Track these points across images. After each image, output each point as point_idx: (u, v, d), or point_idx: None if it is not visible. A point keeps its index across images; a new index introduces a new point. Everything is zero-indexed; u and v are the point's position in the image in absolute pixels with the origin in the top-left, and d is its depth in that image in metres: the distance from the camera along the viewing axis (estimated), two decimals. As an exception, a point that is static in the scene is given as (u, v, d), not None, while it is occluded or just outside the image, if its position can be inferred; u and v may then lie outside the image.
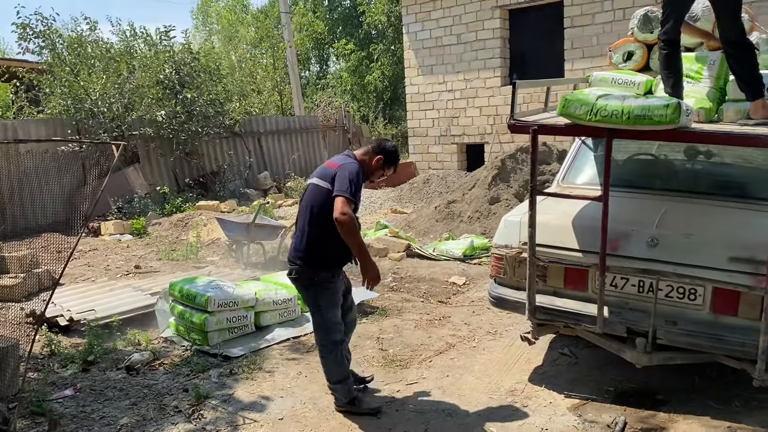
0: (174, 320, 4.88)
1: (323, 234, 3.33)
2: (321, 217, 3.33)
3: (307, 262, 3.42)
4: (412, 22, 14.93)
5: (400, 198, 11.63)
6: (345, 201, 3.21)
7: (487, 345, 4.54)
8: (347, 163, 3.41)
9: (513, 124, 3.62)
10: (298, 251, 3.46)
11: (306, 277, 3.47)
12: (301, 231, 3.46)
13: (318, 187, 3.39)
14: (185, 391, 3.90)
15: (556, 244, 3.69)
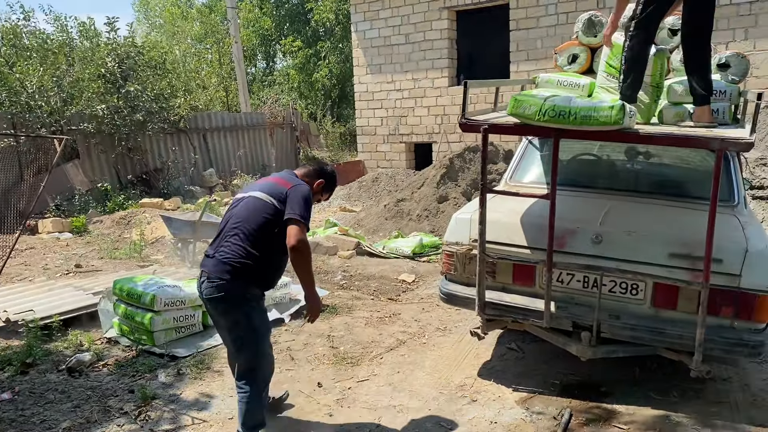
0: (118, 320, 4.74)
1: (262, 251, 3.01)
2: (263, 234, 3.01)
3: (239, 276, 2.99)
4: (360, 20, 14.93)
5: (349, 196, 11.62)
6: (302, 228, 2.95)
7: (436, 341, 4.59)
8: (299, 184, 3.13)
9: (464, 123, 3.66)
10: (225, 264, 2.99)
11: (236, 293, 3.01)
12: (232, 243, 3.02)
13: (262, 203, 3.05)
14: (131, 393, 3.79)
15: (505, 241, 3.77)
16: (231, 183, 13.35)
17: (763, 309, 3.27)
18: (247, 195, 3.15)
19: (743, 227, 3.55)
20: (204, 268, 3.11)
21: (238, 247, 3.01)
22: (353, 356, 4.32)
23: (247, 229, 3.03)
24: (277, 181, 3.16)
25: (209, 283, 3.03)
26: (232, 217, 3.12)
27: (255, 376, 3.10)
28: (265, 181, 3.22)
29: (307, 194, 3.10)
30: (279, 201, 3.03)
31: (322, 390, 3.82)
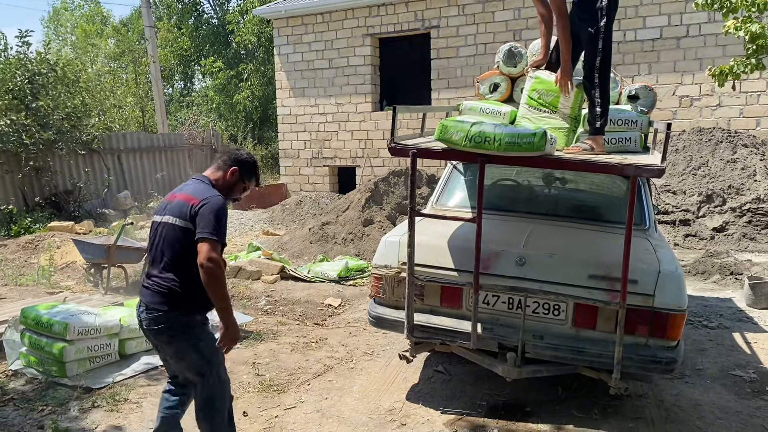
0: (25, 351, 4.42)
1: (191, 275, 2.82)
2: (186, 259, 2.82)
3: (175, 304, 2.84)
4: (283, 44, 14.92)
5: (272, 219, 11.45)
6: (211, 245, 2.75)
7: (364, 366, 4.56)
8: (208, 196, 2.87)
9: (394, 147, 3.71)
10: (159, 294, 2.84)
11: (176, 322, 2.86)
12: (161, 272, 2.86)
13: (173, 230, 2.84)
14: (40, 428, 3.53)
15: (433, 264, 3.81)
16: (147, 206, 12.85)
17: (675, 327, 3.45)
18: (160, 220, 2.94)
19: (655, 250, 3.76)
20: (142, 297, 2.94)
21: (167, 275, 2.85)
22: (279, 383, 4.21)
23: (170, 256, 2.86)
24: (186, 199, 2.87)
25: (148, 314, 2.88)
26: (156, 244, 2.93)
27: (214, 409, 2.95)
28: (174, 199, 2.94)
29: (217, 206, 2.84)
30: (189, 221, 2.82)
31: (248, 419, 3.70)
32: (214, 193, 2.91)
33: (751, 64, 5.05)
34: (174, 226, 2.84)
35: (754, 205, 9.00)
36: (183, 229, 2.82)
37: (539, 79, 4.31)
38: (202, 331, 2.95)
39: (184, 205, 2.85)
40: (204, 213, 2.80)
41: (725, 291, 6.54)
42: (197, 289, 2.83)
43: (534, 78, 4.33)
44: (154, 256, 2.93)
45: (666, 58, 11.24)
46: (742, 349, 4.84)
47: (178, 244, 2.84)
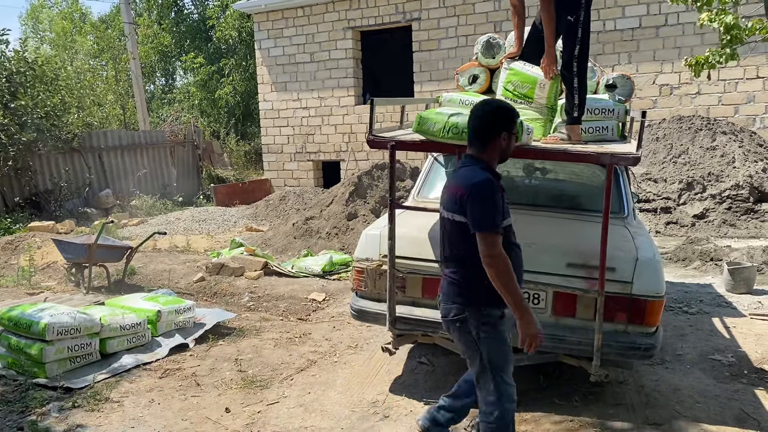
0: (4, 352, 4.38)
1: (473, 268, 2.74)
2: (467, 252, 2.75)
3: (464, 298, 2.81)
4: (264, 38, 14.83)
5: (256, 215, 11.41)
6: (490, 238, 2.64)
7: (348, 359, 4.56)
8: (474, 180, 2.70)
9: (372, 140, 3.70)
10: (452, 286, 2.86)
11: (465, 316, 2.81)
12: (452, 265, 2.88)
13: (450, 225, 2.82)
14: (20, 430, 3.50)
15: (414, 256, 3.82)
16: (129, 204, 12.76)
17: (653, 313, 3.48)
18: (442, 214, 2.92)
19: (633, 237, 3.79)
20: (441, 289, 3.00)
21: (457, 268, 2.87)
22: (262, 379, 4.20)
23: (452, 250, 2.89)
24: (454, 192, 2.76)
25: (444, 305, 2.95)
26: (442, 237, 2.97)
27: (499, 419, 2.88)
28: (446, 191, 2.87)
29: (482, 191, 2.67)
30: (461, 214, 2.73)
31: (230, 416, 3.69)
32: (477, 171, 2.75)
33: (726, 54, 5.09)
34: (451, 224, 2.83)
35: (733, 191, 9.10)
36: (459, 224, 2.77)
37: (514, 71, 4.32)
38: (490, 331, 2.82)
39: (453, 199, 2.78)
40: (470, 205, 2.69)
41: (705, 277, 6.62)
42: (483, 283, 2.72)
43: (509, 69, 4.33)
44: (442, 248, 2.99)
45: (645, 47, 11.31)
46: (721, 333, 4.90)
47: (455, 239, 2.84)
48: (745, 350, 4.53)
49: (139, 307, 4.94)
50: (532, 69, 4.39)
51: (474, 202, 2.68)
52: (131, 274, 7.13)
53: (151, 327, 4.85)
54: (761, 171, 9.26)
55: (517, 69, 4.34)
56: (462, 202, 2.72)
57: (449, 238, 2.89)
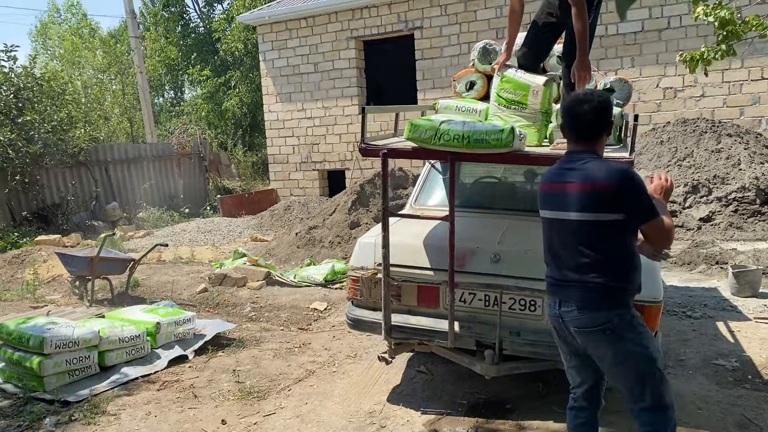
0: (3, 366, 4.39)
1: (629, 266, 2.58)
2: (618, 254, 2.56)
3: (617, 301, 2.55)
4: (268, 49, 14.91)
5: (261, 225, 11.42)
6: (663, 223, 2.50)
7: (346, 369, 4.53)
8: (622, 171, 2.48)
9: (364, 148, 3.70)
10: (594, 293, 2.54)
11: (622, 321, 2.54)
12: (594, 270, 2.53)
13: (592, 223, 2.50)
14: (15, 445, 3.51)
15: (409, 264, 3.80)
16: (136, 216, 12.83)
17: (651, 318, 3.43)
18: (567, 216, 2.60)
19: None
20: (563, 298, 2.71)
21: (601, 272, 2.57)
22: (260, 390, 4.19)
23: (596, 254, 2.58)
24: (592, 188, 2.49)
25: (579, 316, 2.62)
26: (552, 243, 2.74)
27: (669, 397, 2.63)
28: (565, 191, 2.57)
29: (636, 178, 2.49)
30: (610, 211, 2.48)
31: (226, 427, 3.68)
32: (621, 168, 2.53)
33: (721, 50, 5.04)
34: (591, 222, 2.50)
35: (739, 194, 9.00)
36: (602, 223, 2.49)
37: (506, 78, 4.31)
38: (643, 329, 2.62)
39: (591, 195, 2.48)
40: (635, 197, 2.46)
41: (711, 281, 6.54)
42: (629, 284, 2.58)
43: (501, 76, 4.33)
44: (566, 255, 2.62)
45: (648, 50, 11.26)
46: (725, 338, 4.84)
47: (597, 238, 2.52)
48: (750, 354, 4.46)
49: (138, 320, 4.95)
50: (524, 76, 4.38)
51: (638, 192, 2.45)
52: (135, 286, 7.15)
53: (151, 339, 4.85)
54: (768, 173, 9.16)
55: (510, 76, 4.33)
56: (613, 197, 2.44)
57: (586, 241, 2.53)
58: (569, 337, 2.70)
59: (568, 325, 2.64)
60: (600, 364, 2.68)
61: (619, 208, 2.46)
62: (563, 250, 2.64)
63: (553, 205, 2.66)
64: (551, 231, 2.70)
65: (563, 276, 2.65)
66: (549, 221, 2.71)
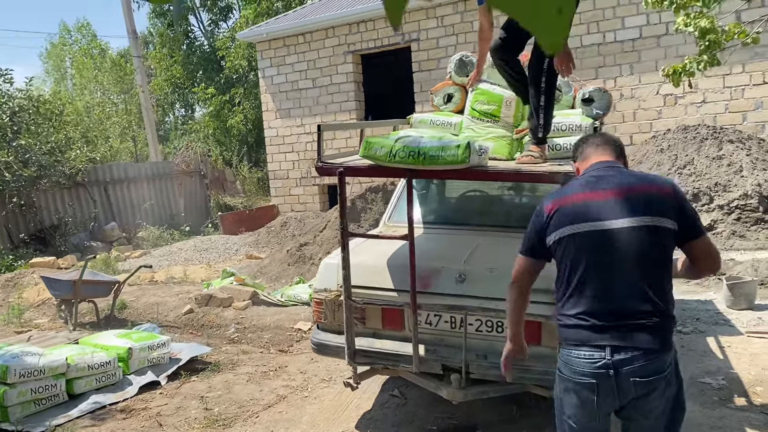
0: (-33, 396, 4.32)
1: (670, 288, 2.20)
2: (670, 275, 2.21)
3: (670, 339, 2.13)
4: (267, 66, 14.92)
5: (258, 243, 11.35)
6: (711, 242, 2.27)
7: (319, 393, 4.40)
8: (669, 180, 2.29)
9: (320, 167, 3.60)
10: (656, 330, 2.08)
11: (674, 366, 2.15)
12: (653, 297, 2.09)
13: (653, 229, 2.09)
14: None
15: (373, 285, 3.67)
16: (136, 236, 12.82)
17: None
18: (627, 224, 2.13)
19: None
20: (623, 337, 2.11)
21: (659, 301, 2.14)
22: (227, 417, 4.07)
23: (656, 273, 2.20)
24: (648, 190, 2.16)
25: (643, 362, 2.08)
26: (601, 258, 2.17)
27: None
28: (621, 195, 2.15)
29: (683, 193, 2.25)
30: (669, 218, 2.14)
31: (186, 458, 3.56)
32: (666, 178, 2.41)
33: (704, 60, 4.89)
34: (652, 228, 2.10)
35: (741, 201, 8.77)
36: (664, 230, 2.11)
37: (480, 90, 4.22)
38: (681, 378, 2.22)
39: (651, 199, 2.13)
40: (687, 205, 2.19)
41: (708, 292, 6.34)
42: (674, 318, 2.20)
43: (475, 89, 4.22)
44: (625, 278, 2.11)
45: (647, 57, 11.08)
46: (714, 354, 4.64)
47: (659, 253, 2.13)
48: (738, 371, 4.26)
49: (110, 345, 4.86)
50: (498, 88, 4.27)
51: (687, 202, 2.19)
52: (121, 309, 7.08)
53: (123, 365, 4.76)
54: (770, 179, 8.92)
55: (484, 89, 4.24)
56: (671, 202, 2.12)
57: (648, 256, 2.09)
58: (614, 393, 2.07)
59: (624, 377, 2.04)
60: (642, 421, 2.13)
61: (674, 215, 2.11)
62: (611, 273, 2.10)
63: (592, 216, 2.13)
64: (589, 251, 2.13)
65: (617, 309, 2.08)
66: (585, 237, 2.13)
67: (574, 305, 2.17)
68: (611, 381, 2.05)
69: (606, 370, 2.05)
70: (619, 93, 11.40)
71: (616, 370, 2.04)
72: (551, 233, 2.23)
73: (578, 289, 2.16)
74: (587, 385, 2.10)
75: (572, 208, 2.18)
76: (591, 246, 2.13)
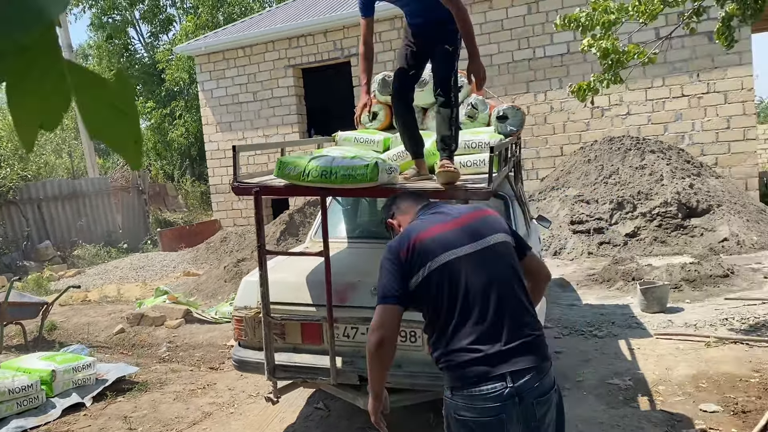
0: None
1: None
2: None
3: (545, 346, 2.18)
4: (206, 79, 14.85)
5: (196, 259, 11.26)
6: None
7: (245, 409, 4.46)
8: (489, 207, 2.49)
9: (236, 187, 3.68)
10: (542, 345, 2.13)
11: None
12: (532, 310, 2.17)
13: (507, 244, 2.21)
14: None
15: (292, 301, 3.76)
16: (71, 254, 12.52)
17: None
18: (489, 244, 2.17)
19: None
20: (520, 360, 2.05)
21: (534, 313, 2.22)
22: (150, 436, 4.08)
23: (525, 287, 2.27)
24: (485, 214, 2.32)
25: (540, 377, 2.06)
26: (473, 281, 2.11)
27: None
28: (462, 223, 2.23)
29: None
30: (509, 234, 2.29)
31: (105, 479, 3.57)
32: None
33: (607, 79, 5.20)
34: (507, 243, 2.21)
35: (662, 208, 9.23)
36: (509, 244, 2.24)
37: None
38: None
39: (488, 220, 2.26)
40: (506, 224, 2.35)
41: (626, 297, 6.65)
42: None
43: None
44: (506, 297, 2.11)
45: (575, 71, 11.54)
46: (624, 356, 4.91)
47: (519, 266, 2.21)
48: (644, 372, 4.53)
49: (33, 368, 4.80)
50: None
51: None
52: (51, 330, 6.95)
53: (46, 388, 4.70)
54: (688, 187, 9.43)
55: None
56: (504, 224, 2.29)
57: (515, 271, 2.18)
58: (519, 420, 2.02)
59: (527, 401, 2.01)
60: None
61: (510, 232, 2.28)
62: (490, 295, 2.08)
63: (454, 244, 2.14)
64: (462, 278, 2.09)
65: (504, 331, 2.05)
66: (454, 266, 2.11)
67: (462, 338, 2.06)
68: (517, 408, 1.99)
69: (511, 399, 1.98)
70: (549, 106, 11.86)
71: (520, 396, 1.99)
72: (416, 273, 2.15)
73: (462, 320, 2.08)
74: (496, 422, 1.99)
75: (430, 243, 2.15)
76: (463, 272, 2.10)
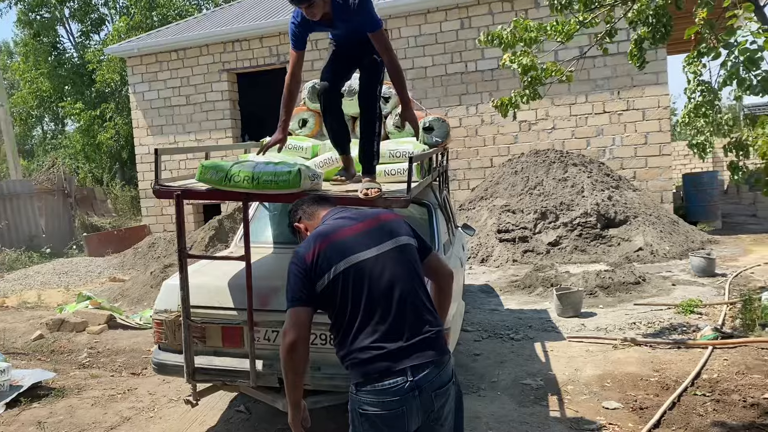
0: None
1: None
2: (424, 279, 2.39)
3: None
4: (138, 82, 14.57)
5: (123, 264, 11.00)
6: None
7: (165, 413, 4.43)
8: (393, 211, 2.74)
9: (158, 190, 3.69)
10: (441, 339, 2.27)
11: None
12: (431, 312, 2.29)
13: (412, 249, 2.38)
14: None
15: (213, 305, 3.79)
16: (-11, 259, 12.00)
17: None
18: (395, 246, 2.32)
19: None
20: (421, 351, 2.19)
21: (433, 309, 2.35)
22: (65, 442, 4.01)
23: (417, 282, 2.37)
24: (390, 218, 2.45)
25: (441, 370, 2.22)
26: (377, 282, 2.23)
27: None
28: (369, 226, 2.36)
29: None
30: (413, 237, 2.46)
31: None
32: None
33: (526, 94, 5.48)
34: (412, 247, 2.38)
35: (582, 219, 9.69)
36: (416, 249, 2.41)
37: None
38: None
39: (393, 224, 2.40)
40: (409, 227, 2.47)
41: (544, 303, 6.96)
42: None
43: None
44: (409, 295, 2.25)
45: (505, 86, 11.94)
46: (538, 358, 5.15)
47: (419, 267, 2.38)
48: (555, 373, 4.78)
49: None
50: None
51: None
52: (-37, 336, 6.66)
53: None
54: (607, 199, 9.93)
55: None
56: (407, 227, 2.44)
57: (416, 272, 2.34)
58: (419, 412, 2.17)
59: (426, 394, 2.16)
60: (438, 429, 2.25)
61: (413, 234, 2.43)
62: (392, 295, 2.22)
63: (359, 247, 2.27)
64: (366, 279, 2.23)
65: (406, 329, 2.19)
66: (359, 268, 2.24)
67: (366, 337, 2.19)
68: (416, 401, 2.12)
69: (411, 392, 2.11)
70: (480, 119, 12.22)
71: (420, 388, 2.12)
72: (322, 275, 2.23)
73: (365, 319, 2.20)
74: (398, 414, 2.12)
75: (336, 246, 2.26)
76: (367, 274, 2.22)
